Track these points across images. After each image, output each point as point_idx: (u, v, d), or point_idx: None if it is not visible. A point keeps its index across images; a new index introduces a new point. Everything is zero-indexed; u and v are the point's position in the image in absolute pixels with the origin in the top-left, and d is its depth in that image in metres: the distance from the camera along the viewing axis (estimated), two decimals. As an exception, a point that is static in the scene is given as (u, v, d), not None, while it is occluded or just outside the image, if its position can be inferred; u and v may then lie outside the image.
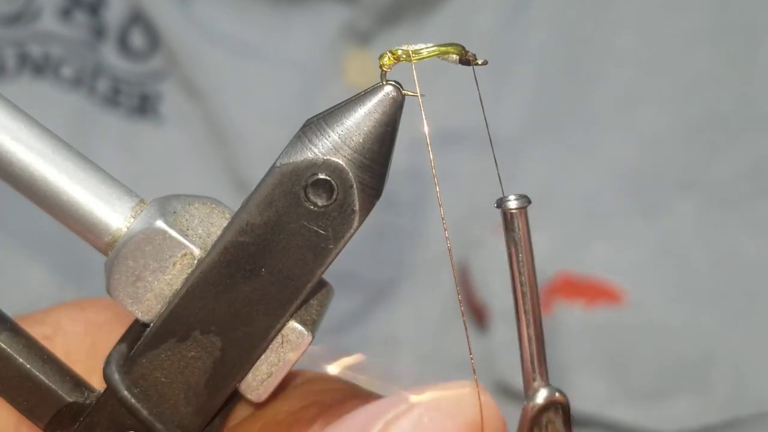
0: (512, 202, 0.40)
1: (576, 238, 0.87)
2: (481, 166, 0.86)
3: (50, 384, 0.42)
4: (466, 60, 0.42)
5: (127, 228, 0.40)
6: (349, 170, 0.39)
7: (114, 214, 0.41)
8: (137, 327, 0.42)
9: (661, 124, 0.89)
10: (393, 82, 0.40)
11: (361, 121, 0.39)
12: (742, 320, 0.86)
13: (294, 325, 0.41)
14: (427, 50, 0.41)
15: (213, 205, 0.41)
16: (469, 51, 0.42)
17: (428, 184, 0.87)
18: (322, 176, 0.39)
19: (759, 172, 0.88)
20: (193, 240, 0.40)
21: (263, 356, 0.41)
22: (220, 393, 0.41)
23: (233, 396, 0.42)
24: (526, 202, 0.40)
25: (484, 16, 0.90)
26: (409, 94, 0.40)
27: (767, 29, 0.91)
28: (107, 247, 0.40)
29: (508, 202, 0.40)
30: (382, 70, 0.40)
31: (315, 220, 0.40)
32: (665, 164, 0.89)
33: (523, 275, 0.40)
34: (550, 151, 0.89)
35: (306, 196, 0.39)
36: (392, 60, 0.40)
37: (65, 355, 0.44)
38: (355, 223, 0.40)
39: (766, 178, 0.88)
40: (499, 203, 0.40)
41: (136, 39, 0.90)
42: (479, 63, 0.42)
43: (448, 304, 0.87)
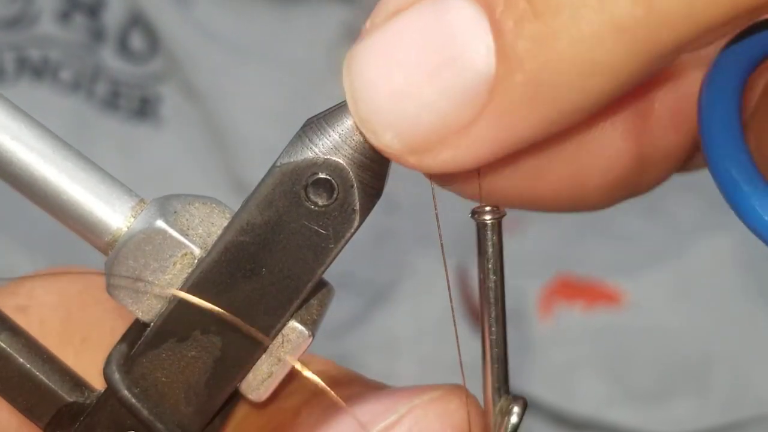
0: (486, 214, 0.40)
1: (575, 240, 0.87)
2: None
3: (50, 384, 0.41)
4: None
5: (127, 228, 0.40)
6: (349, 170, 0.39)
7: (114, 214, 0.40)
8: (137, 327, 0.41)
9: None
10: (393, 82, 0.40)
11: None
12: (742, 322, 0.86)
13: (294, 324, 0.41)
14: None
15: (213, 205, 0.41)
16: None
17: (428, 186, 0.87)
18: (322, 176, 0.39)
19: None
20: (194, 240, 0.40)
21: (264, 356, 0.41)
22: (221, 393, 0.41)
23: (234, 396, 0.42)
24: (501, 214, 0.40)
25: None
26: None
27: None
28: (107, 246, 0.40)
29: (483, 213, 0.40)
30: (383, 70, 0.40)
31: (315, 220, 0.39)
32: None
33: (491, 290, 0.40)
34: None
35: (306, 195, 0.39)
36: (392, 59, 0.40)
37: (40, 324, 0.44)
38: (356, 223, 0.40)
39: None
40: (473, 213, 0.40)
41: (136, 41, 0.90)
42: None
43: (447, 306, 0.87)
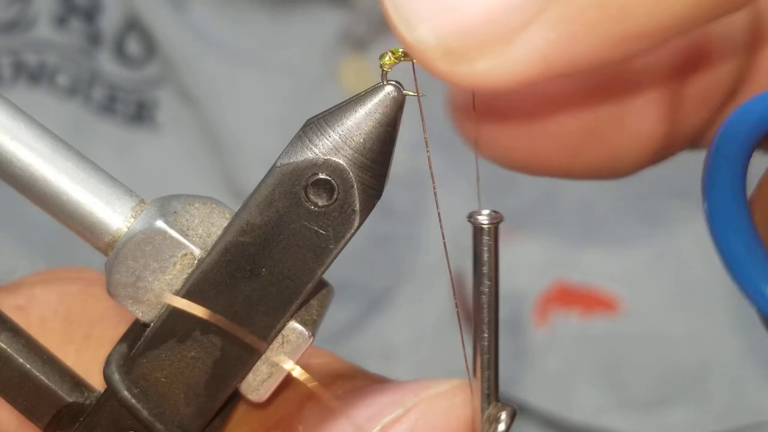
0: (483, 217, 0.40)
1: (572, 247, 0.87)
2: (481, 170, 0.86)
3: (50, 384, 0.41)
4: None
5: (127, 228, 0.40)
6: (349, 170, 0.39)
7: (114, 214, 0.40)
8: (137, 327, 0.41)
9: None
10: (394, 82, 0.40)
11: (362, 120, 0.39)
12: (739, 329, 0.86)
13: (294, 325, 0.41)
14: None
15: (213, 205, 0.41)
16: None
17: (426, 192, 0.87)
18: (322, 176, 0.39)
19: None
20: (194, 240, 0.40)
21: (263, 356, 0.41)
22: (221, 393, 0.41)
23: (234, 396, 0.42)
24: (498, 219, 0.39)
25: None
26: (410, 94, 0.40)
27: None
28: (107, 247, 0.40)
29: (480, 217, 0.40)
30: (383, 70, 0.40)
31: (315, 220, 0.39)
32: (662, 172, 0.89)
33: (485, 295, 0.40)
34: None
35: (306, 196, 0.39)
36: (393, 60, 0.40)
37: (40, 322, 0.44)
38: (356, 224, 0.40)
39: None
40: (470, 216, 0.40)
41: (132, 46, 0.90)
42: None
43: (444, 311, 0.87)
